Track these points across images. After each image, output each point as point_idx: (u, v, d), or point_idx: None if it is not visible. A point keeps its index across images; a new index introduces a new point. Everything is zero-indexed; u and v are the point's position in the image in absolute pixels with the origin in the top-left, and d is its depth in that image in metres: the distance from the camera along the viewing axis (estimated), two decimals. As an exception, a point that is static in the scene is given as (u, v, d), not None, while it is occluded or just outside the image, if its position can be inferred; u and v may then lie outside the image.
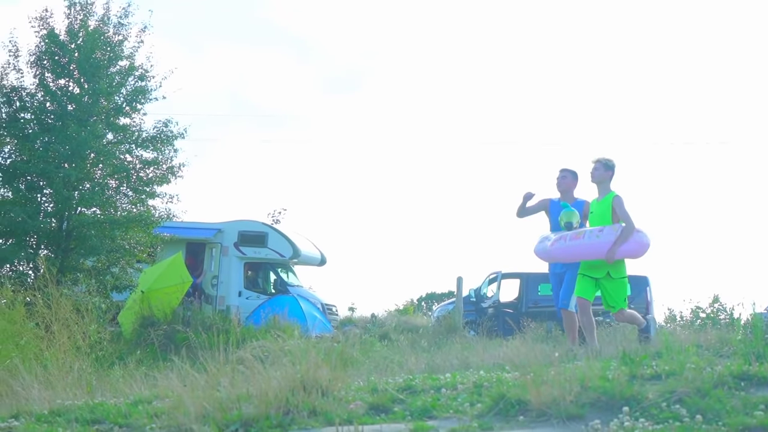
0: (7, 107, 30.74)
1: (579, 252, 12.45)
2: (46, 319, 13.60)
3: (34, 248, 30.07)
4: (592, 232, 12.33)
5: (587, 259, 12.45)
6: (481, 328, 22.37)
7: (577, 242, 12.37)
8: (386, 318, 34.44)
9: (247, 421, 6.68)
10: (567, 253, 12.60)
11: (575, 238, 12.43)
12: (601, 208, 12.63)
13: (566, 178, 13.65)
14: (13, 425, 7.16)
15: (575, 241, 12.40)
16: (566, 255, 12.69)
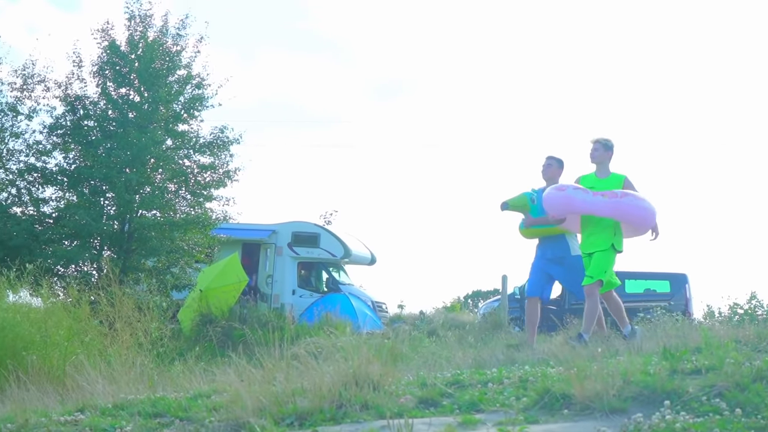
0: (71, 115, 31.00)
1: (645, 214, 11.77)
2: (109, 317, 13.69)
3: (97, 249, 30.30)
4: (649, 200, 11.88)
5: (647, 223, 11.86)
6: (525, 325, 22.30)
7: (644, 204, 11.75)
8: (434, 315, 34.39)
9: (301, 414, 6.69)
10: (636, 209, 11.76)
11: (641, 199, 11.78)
12: (608, 187, 12.03)
13: (551, 166, 13.11)
14: (79, 418, 7.21)
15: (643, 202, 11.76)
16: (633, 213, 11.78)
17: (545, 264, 12.90)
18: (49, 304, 13.81)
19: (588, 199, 11.77)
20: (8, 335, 12.30)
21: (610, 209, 11.71)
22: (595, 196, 11.76)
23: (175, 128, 31.09)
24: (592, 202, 11.74)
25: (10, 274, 13.61)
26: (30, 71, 32.22)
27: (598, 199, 11.71)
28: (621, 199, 11.68)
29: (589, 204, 11.77)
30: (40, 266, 14.68)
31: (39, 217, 31.08)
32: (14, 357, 11.78)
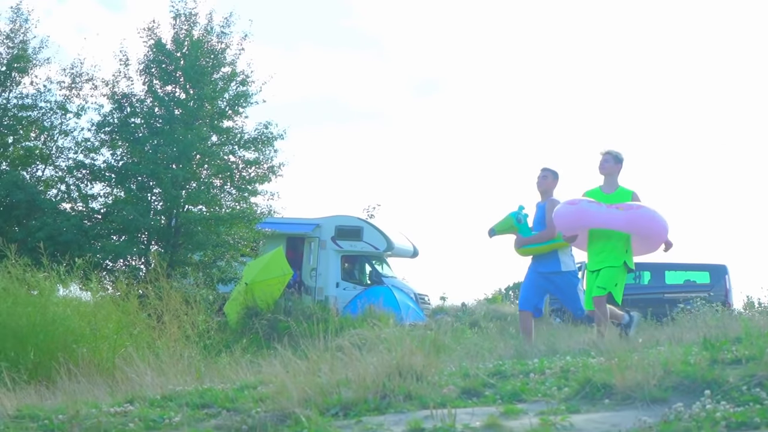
0: (119, 113, 31.22)
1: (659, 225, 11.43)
2: (157, 310, 13.77)
3: (145, 244, 30.51)
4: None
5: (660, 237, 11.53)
6: (566, 316, 22.21)
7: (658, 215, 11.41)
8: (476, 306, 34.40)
9: (346, 404, 6.70)
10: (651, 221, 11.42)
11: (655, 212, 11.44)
12: (615, 202, 11.67)
13: (547, 177, 12.73)
14: (129, 409, 7.25)
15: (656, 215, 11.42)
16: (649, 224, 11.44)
17: (538, 278, 12.57)
18: (99, 298, 13.92)
19: (602, 212, 11.45)
20: (59, 328, 12.40)
21: (626, 222, 11.39)
22: (609, 209, 11.48)
23: (220, 125, 31.25)
24: (607, 214, 11.44)
25: (60, 268, 13.71)
26: (78, 70, 32.52)
27: (613, 212, 11.42)
28: (637, 211, 11.43)
29: (604, 217, 11.45)
30: (90, 261, 14.78)
31: (88, 213, 31.35)
32: (65, 350, 11.88)
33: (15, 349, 12.13)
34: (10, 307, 12.46)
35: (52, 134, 32.83)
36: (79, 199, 31.84)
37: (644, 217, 11.35)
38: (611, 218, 11.38)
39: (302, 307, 26.61)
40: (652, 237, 11.57)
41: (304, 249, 34.58)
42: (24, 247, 19.82)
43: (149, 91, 31.00)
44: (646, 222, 11.37)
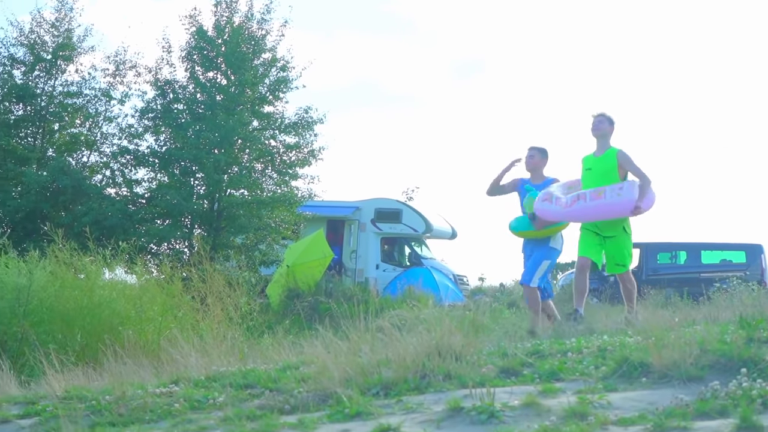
0: (161, 99, 31.37)
1: (603, 211, 11.29)
2: (201, 292, 13.84)
3: (188, 228, 30.66)
4: (613, 190, 11.23)
5: (611, 218, 11.41)
6: (603, 296, 22.15)
7: (599, 202, 11.20)
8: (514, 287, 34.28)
9: (386, 384, 6.73)
10: (589, 213, 11.37)
11: (596, 198, 11.23)
12: (603, 165, 11.58)
13: (534, 157, 12.46)
14: (174, 390, 7.31)
15: (597, 201, 11.22)
16: (588, 215, 11.44)
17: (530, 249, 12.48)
18: (144, 281, 13.99)
19: (551, 210, 11.58)
20: (105, 311, 12.49)
21: (566, 218, 11.64)
22: (555, 206, 11.52)
23: (261, 110, 31.34)
24: (554, 212, 11.56)
25: (106, 252, 13.80)
26: (122, 57, 32.68)
27: (557, 210, 11.50)
28: (571, 207, 11.37)
29: (554, 214, 11.62)
30: (134, 245, 14.85)
31: (132, 198, 31.54)
32: (111, 332, 11.97)
33: (63, 332, 12.24)
34: (57, 291, 12.56)
35: (97, 121, 33.04)
36: (123, 185, 32.04)
37: (580, 210, 11.36)
38: (558, 215, 11.56)
39: (343, 289, 26.64)
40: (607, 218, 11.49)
41: (344, 231, 34.61)
42: (70, 231, 19.92)
43: (191, 78, 31.12)
44: (585, 213, 11.41)
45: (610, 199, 11.16)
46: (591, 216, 11.43)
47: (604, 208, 11.23)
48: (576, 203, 11.29)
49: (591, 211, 11.31)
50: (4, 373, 8.75)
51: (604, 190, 11.22)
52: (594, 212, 11.34)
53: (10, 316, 11.94)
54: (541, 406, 5.70)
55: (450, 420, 5.69)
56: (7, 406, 7.38)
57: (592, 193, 11.27)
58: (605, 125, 11.73)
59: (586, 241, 11.66)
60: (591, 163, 11.74)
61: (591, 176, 11.62)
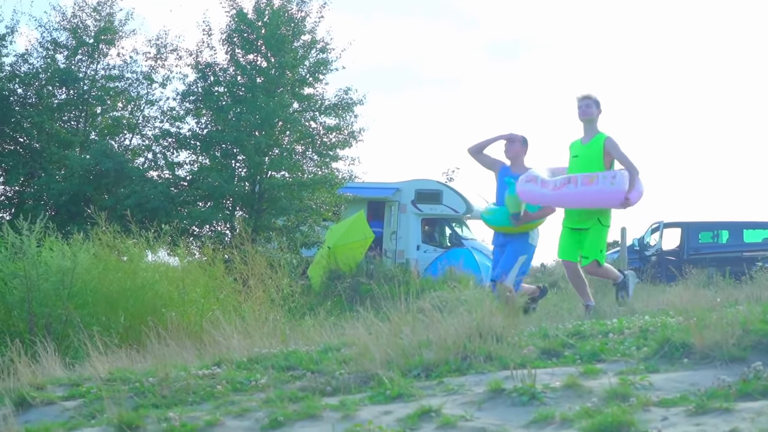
0: (202, 82, 31.49)
1: (592, 199, 10.68)
2: (243, 274, 13.88)
3: (230, 210, 30.80)
4: (606, 177, 10.60)
5: (601, 206, 10.84)
6: (645, 276, 22.05)
7: (590, 188, 10.58)
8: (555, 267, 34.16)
9: (428, 366, 6.73)
10: (578, 199, 10.73)
11: (587, 184, 10.59)
12: (590, 151, 10.98)
13: (514, 142, 11.83)
14: (216, 372, 7.34)
15: (588, 187, 10.58)
16: (576, 201, 10.79)
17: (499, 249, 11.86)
18: (186, 263, 14.07)
19: (536, 192, 10.92)
20: (148, 293, 12.56)
21: (553, 201, 11.00)
22: (543, 188, 10.86)
23: (301, 92, 31.40)
24: (540, 194, 10.90)
25: (148, 235, 13.87)
26: (163, 41, 32.87)
27: (545, 192, 10.82)
28: (560, 190, 10.70)
29: (539, 197, 10.97)
30: (177, 227, 14.95)
31: (174, 180, 31.72)
32: (154, 314, 12.02)
33: (106, 314, 12.33)
34: (101, 273, 12.65)
35: (138, 104, 33.25)
36: (165, 167, 32.23)
37: (569, 195, 10.73)
38: (544, 198, 10.96)
39: (383, 270, 26.62)
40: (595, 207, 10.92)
41: (385, 213, 34.58)
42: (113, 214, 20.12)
43: (232, 60, 31.23)
44: (573, 199, 10.80)
45: (602, 187, 10.61)
46: (579, 202, 10.85)
47: (595, 195, 10.68)
48: (565, 187, 10.69)
49: (580, 197, 10.75)
50: (49, 355, 8.81)
51: (597, 176, 10.66)
52: (583, 198, 10.78)
53: (54, 299, 12.03)
54: (583, 388, 5.68)
55: (491, 401, 5.69)
56: (51, 388, 7.44)
57: (583, 179, 10.67)
58: (592, 109, 11.14)
59: (566, 241, 11.22)
60: (578, 149, 11.20)
61: (578, 163, 11.06)
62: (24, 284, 11.93)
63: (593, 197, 10.68)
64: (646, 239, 29.67)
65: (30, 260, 12.08)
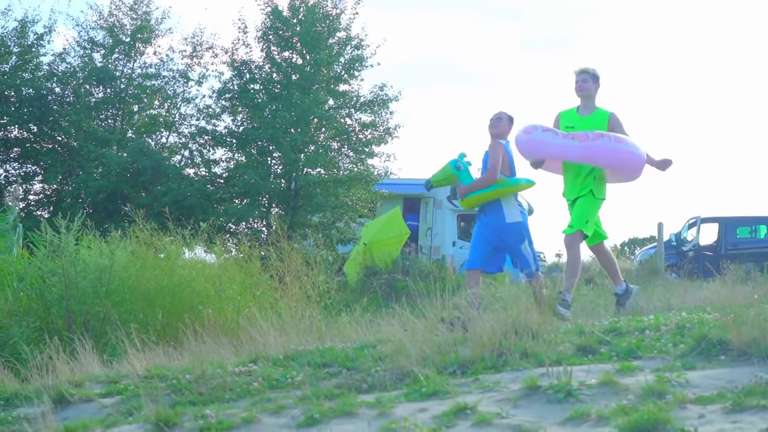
0: (238, 79, 31.64)
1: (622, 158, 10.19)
2: (279, 271, 13.89)
3: (266, 207, 30.92)
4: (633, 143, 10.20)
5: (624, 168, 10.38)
6: (682, 271, 21.93)
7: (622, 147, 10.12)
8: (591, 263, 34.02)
9: (463, 363, 6.72)
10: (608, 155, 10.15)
11: (619, 142, 10.13)
12: (590, 125, 10.41)
13: (501, 120, 10.95)
14: (252, 369, 7.36)
15: (620, 144, 10.12)
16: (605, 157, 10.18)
17: (484, 231, 10.85)
18: (223, 260, 14.07)
19: (557, 143, 10.28)
20: (185, 290, 12.59)
21: (580, 153, 10.20)
22: (564, 139, 10.27)
23: (337, 88, 31.47)
24: (562, 145, 10.26)
25: (185, 232, 13.91)
26: (199, 39, 33.05)
27: (568, 143, 10.21)
28: (593, 141, 10.11)
29: (558, 148, 10.30)
30: (213, 224, 14.97)
31: (210, 178, 31.90)
32: (191, 311, 12.06)
33: (144, 311, 12.37)
34: (138, 271, 12.69)
35: (175, 102, 33.47)
36: (202, 165, 32.43)
37: (601, 148, 10.15)
38: (565, 149, 10.27)
39: (419, 267, 26.61)
40: (616, 168, 10.46)
41: (421, 209, 34.54)
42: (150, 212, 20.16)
43: (267, 58, 31.34)
44: (604, 153, 10.20)
45: (632, 149, 10.22)
46: (608, 158, 10.22)
47: (625, 155, 10.22)
48: (600, 139, 10.14)
49: (612, 152, 10.15)
50: (87, 353, 8.86)
51: (625, 139, 10.24)
52: (613, 155, 10.18)
53: (92, 296, 12.09)
54: (619, 385, 5.66)
55: (527, 398, 5.68)
56: (90, 385, 7.49)
57: (615, 137, 10.20)
58: (589, 84, 10.66)
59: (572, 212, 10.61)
60: (575, 121, 10.63)
61: None
62: (62, 282, 11.99)
63: (623, 157, 10.25)
64: (683, 234, 29.49)
65: (68, 258, 12.14)
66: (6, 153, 33.21)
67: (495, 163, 10.57)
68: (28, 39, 32.46)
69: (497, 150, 10.68)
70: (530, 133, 10.46)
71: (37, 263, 12.76)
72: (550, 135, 10.35)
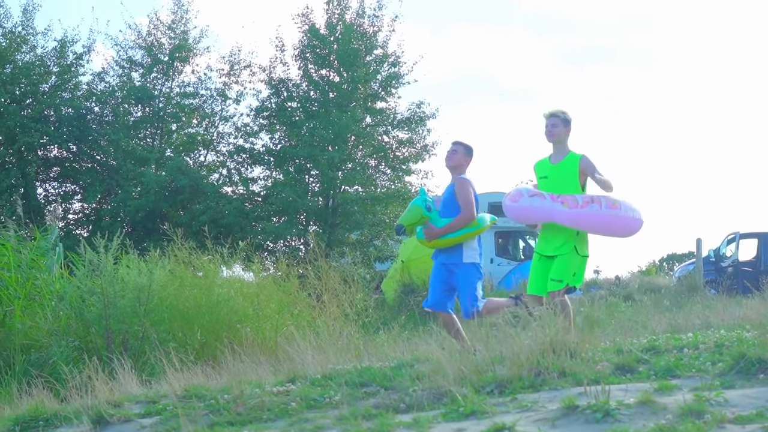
0: (276, 98, 31.82)
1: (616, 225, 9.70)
2: (317, 289, 13.92)
3: (304, 225, 31.02)
4: (627, 206, 9.64)
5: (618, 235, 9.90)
6: (721, 287, 21.78)
7: (615, 212, 9.55)
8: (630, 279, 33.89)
9: (501, 382, 6.72)
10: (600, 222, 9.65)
11: (612, 208, 9.58)
12: (562, 172, 9.94)
13: (456, 152, 10.60)
14: (290, 389, 7.39)
15: (613, 211, 9.56)
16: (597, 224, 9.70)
17: (443, 272, 10.44)
18: (261, 278, 14.13)
19: (546, 207, 9.78)
20: (223, 309, 12.65)
21: (570, 220, 9.69)
22: (554, 203, 9.75)
23: (374, 106, 31.57)
24: (551, 210, 9.75)
25: (223, 251, 13.98)
26: (236, 57, 33.21)
27: (557, 208, 9.70)
28: (582, 209, 9.58)
29: (548, 212, 9.76)
30: (251, 242, 15.03)
31: (248, 196, 32.04)
32: (230, 329, 12.13)
33: (182, 330, 12.43)
34: (177, 290, 12.76)
35: (213, 120, 33.66)
36: (239, 183, 32.57)
37: (592, 217, 9.64)
38: (555, 214, 9.75)
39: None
40: (607, 235, 10.00)
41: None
42: (189, 230, 20.29)
43: (305, 76, 31.50)
44: (595, 221, 9.69)
45: (626, 213, 9.68)
46: (599, 226, 9.79)
47: (617, 221, 9.71)
48: (589, 206, 9.65)
49: (603, 220, 9.66)
50: (126, 372, 8.92)
51: (619, 202, 9.70)
52: (606, 222, 9.71)
53: (131, 316, 12.16)
54: (657, 404, 5.64)
55: (565, 418, 5.67)
56: (128, 405, 7.54)
57: (607, 201, 9.68)
58: (559, 128, 10.03)
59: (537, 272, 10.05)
60: (547, 170, 10.18)
61: (548, 184, 10.03)
62: (101, 301, 12.08)
63: (616, 223, 9.75)
64: (722, 250, 29.29)
65: (107, 277, 12.23)
66: (46, 172, 33.53)
67: (469, 203, 10.28)
68: (68, 59, 32.76)
69: (466, 188, 10.37)
70: (516, 201, 10.06)
71: (76, 282, 12.87)
72: (538, 200, 9.88)
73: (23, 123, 30.92)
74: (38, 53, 32.69)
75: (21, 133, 30.90)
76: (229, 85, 33.33)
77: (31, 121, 31.22)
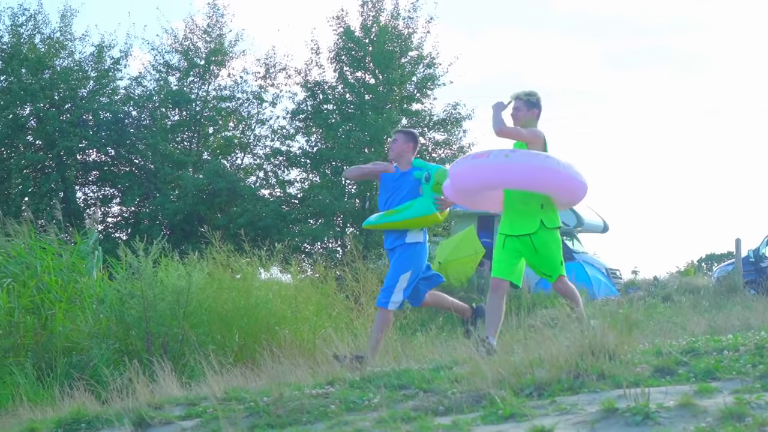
0: (312, 100, 31.93)
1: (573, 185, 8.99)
2: (354, 291, 13.93)
3: (341, 227, 31.09)
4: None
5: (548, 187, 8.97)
6: (760, 288, 21.60)
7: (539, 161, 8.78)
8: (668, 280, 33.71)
9: (540, 385, 6.69)
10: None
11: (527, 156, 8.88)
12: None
13: (396, 141, 10.45)
14: (329, 391, 7.39)
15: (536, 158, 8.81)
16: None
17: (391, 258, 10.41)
18: (298, 280, 14.16)
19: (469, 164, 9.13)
20: (262, 311, 12.68)
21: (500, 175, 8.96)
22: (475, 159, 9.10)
23: (409, 108, 31.57)
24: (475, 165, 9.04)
25: (261, 253, 14.01)
26: (272, 60, 33.33)
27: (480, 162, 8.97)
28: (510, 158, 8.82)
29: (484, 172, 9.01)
30: (288, 245, 15.07)
31: (285, 198, 32.14)
32: (268, 332, 12.17)
33: (221, 333, 12.47)
34: (215, 293, 12.80)
35: (249, 123, 33.82)
36: (276, 185, 32.68)
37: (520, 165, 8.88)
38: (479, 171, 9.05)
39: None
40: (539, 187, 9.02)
41: (495, 228, 34.44)
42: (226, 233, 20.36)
43: (340, 78, 31.58)
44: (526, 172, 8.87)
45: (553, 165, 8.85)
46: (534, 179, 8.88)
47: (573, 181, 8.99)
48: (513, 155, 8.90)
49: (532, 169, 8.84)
50: (166, 375, 8.96)
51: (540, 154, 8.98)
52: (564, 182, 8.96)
53: (170, 318, 12.22)
54: (697, 407, 5.61)
55: (604, 421, 5.64)
56: (169, 408, 7.57)
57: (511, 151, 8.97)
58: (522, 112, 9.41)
59: (503, 254, 9.42)
60: None
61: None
62: (141, 304, 12.14)
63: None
64: (762, 250, 29.05)
65: (146, 280, 12.30)
66: (84, 176, 33.82)
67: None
68: (105, 64, 33.05)
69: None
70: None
71: (116, 286, 12.94)
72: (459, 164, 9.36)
73: (62, 128, 31.20)
74: (76, 58, 33.01)
75: (60, 138, 31.18)
76: (265, 88, 33.51)
77: (70, 125, 31.50)
